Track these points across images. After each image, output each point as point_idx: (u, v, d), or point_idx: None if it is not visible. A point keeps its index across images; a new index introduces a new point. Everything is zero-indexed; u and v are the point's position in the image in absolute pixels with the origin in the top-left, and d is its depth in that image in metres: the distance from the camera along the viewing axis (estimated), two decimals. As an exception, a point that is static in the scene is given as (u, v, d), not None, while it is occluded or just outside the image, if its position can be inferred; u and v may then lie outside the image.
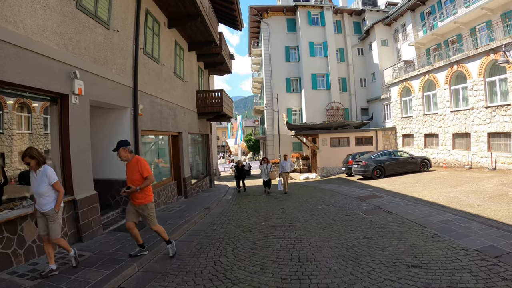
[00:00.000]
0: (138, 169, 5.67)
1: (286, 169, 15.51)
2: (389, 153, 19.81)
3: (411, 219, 7.85)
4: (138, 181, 5.65)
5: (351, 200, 11.48)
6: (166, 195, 11.85)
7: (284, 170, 15.48)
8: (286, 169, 15.50)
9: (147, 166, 5.76)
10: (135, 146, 9.40)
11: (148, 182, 5.70)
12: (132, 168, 5.74)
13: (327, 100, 33.29)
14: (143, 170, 5.66)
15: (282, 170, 15.55)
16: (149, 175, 5.70)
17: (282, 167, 15.58)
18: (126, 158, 5.82)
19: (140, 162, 5.74)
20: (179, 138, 14.04)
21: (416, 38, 27.80)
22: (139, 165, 5.68)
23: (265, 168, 16.19)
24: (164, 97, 12.07)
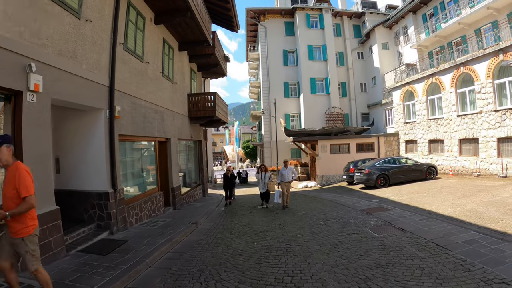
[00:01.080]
0: (15, 183, 3.78)
1: (287, 178, 12.89)
2: (393, 160, 18.69)
3: (430, 239, 6.69)
4: (12, 200, 3.79)
5: (355, 213, 10.31)
6: (151, 207, 10.66)
7: (284, 180, 12.84)
8: (286, 178, 12.88)
9: (28, 181, 3.84)
10: (110, 152, 8.25)
11: (25, 207, 3.78)
12: (9, 178, 3.85)
13: (326, 105, 32.23)
14: (21, 187, 3.76)
15: (281, 180, 12.88)
16: (29, 197, 3.79)
17: (281, 176, 12.98)
18: (7, 162, 3.90)
19: (19, 173, 3.82)
20: (167, 145, 12.89)
21: (418, 40, 26.87)
22: (16, 177, 3.79)
23: (262, 178, 13.35)
24: (149, 99, 10.94)
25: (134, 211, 9.49)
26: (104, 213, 8.10)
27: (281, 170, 13.32)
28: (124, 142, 9.61)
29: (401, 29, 29.96)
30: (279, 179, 13.07)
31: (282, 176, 12.94)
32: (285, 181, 12.86)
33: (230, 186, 15.38)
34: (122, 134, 9.03)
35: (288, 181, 12.93)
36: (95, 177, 8.18)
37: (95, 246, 7.02)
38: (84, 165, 8.28)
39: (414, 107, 23.69)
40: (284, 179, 12.87)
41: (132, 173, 10.28)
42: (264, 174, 13.41)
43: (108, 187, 8.12)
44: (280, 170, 13.36)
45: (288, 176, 12.91)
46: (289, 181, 13.02)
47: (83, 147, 8.27)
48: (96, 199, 8.13)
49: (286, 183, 12.88)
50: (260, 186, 13.50)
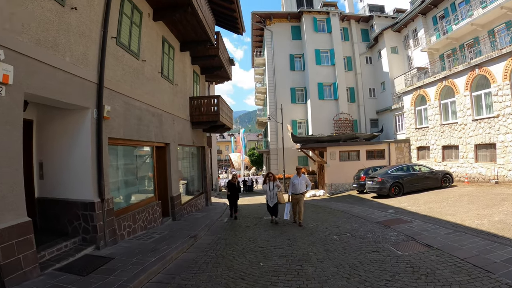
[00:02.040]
0: None
1: (299, 189, 10.61)
2: (407, 167, 17.62)
3: (464, 258, 5.69)
4: None
5: (372, 226, 9.27)
6: (146, 218, 9.71)
7: (296, 191, 10.60)
8: (299, 189, 10.60)
9: None
10: (97, 157, 7.34)
11: None
12: None
13: (334, 111, 31.23)
14: None
15: (293, 191, 10.66)
16: None
17: (293, 186, 10.71)
18: None
19: None
20: (167, 150, 11.98)
21: (428, 43, 25.95)
22: None
23: (270, 188, 11.30)
24: (146, 100, 10.05)
25: (126, 222, 8.56)
26: (90, 225, 7.18)
27: (292, 179, 10.89)
28: (115, 147, 8.71)
29: (410, 32, 29.12)
30: (290, 191, 10.80)
31: (294, 187, 10.67)
32: (297, 193, 10.63)
33: (235, 196, 13.30)
34: (113, 138, 8.13)
35: (301, 192, 10.65)
36: (80, 184, 7.28)
37: (76, 264, 6.08)
38: (68, 171, 7.39)
39: (426, 112, 22.67)
40: (296, 190, 10.64)
41: (125, 180, 9.35)
42: (273, 184, 11.36)
43: (94, 196, 7.20)
44: (292, 180, 10.92)
45: (301, 186, 10.64)
46: (302, 192, 10.73)
47: (67, 151, 7.39)
48: (81, 209, 7.21)
49: (298, 195, 10.63)
50: (268, 198, 11.38)
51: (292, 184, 10.77)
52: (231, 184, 13.56)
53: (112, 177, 8.56)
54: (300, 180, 10.71)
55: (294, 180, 10.75)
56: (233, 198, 13.23)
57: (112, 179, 8.53)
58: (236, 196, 13.33)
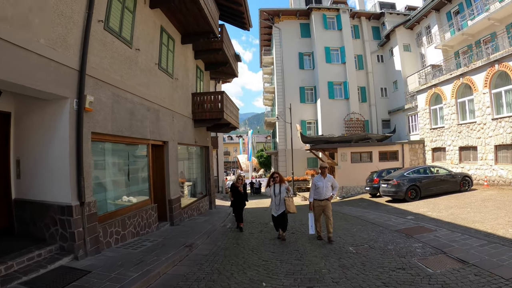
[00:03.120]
0: None
1: (325, 193, 8.26)
2: (424, 169, 16.46)
3: (509, 278, 4.62)
4: None
5: (392, 235, 8.15)
6: (139, 224, 8.74)
7: (321, 196, 8.24)
8: (324, 193, 8.24)
9: None
10: (77, 154, 6.38)
11: None
12: None
13: (345, 111, 30.11)
14: None
15: (317, 197, 8.32)
16: None
17: (316, 190, 8.33)
18: None
19: None
20: (164, 149, 11.02)
21: (443, 40, 24.75)
22: None
23: (275, 193, 8.76)
24: (140, 93, 9.10)
25: (113, 229, 7.59)
26: (67, 232, 6.23)
27: (315, 180, 8.48)
28: (102, 143, 7.77)
29: (423, 29, 27.95)
30: (312, 196, 8.44)
31: (318, 190, 8.28)
32: (322, 199, 8.23)
33: (240, 204, 10.79)
34: (98, 133, 7.17)
35: (326, 198, 8.25)
36: (57, 185, 6.34)
37: (46, 277, 5.15)
38: (45, 170, 6.47)
39: (441, 111, 21.49)
40: (320, 195, 8.25)
41: (114, 181, 8.38)
42: (279, 187, 8.75)
43: (72, 199, 6.23)
44: (314, 181, 8.51)
45: (326, 190, 8.25)
46: (328, 198, 8.30)
47: (45, 147, 6.46)
48: (58, 213, 6.27)
49: (323, 201, 8.24)
50: (273, 205, 8.86)
51: (315, 187, 8.33)
52: (234, 188, 10.93)
53: (98, 178, 7.64)
54: (325, 182, 8.26)
55: (318, 182, 8.27)
56: (237, 206, 10.69)
57: (98, 180, 7.60)
58: (241, 203, 10.81)
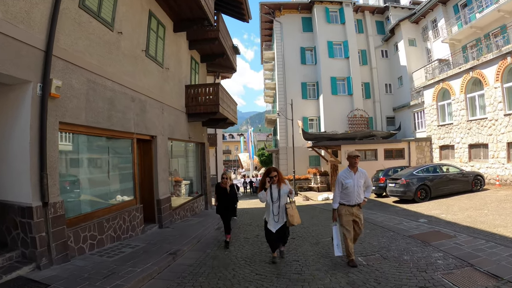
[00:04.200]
0: None
1: (357, 196, 5.73)
2: (433, 168, 15.44)
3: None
4: None
5: (405, 242, 7.14)
6: (120, 227, 7.79)
7: (352, 201, 5.71)
8: (356, 195, 5.71)
9: None
10: (39, 147, 5.45)
11: None
12: None
13: (348, 107, 29.07)
14: None
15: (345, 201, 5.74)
16: None
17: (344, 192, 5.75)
18: None
19: None
20: (152, 144, 10.07)
21: (450, 34, 23.74)
22: None
23: (273, 198, 6.19)
24: (122, 81, 8.15)
25: (88, 233, 6.64)
26: (28, 237, 5.30)
27: (341, 176, 5.82)
28: (75, 135, 6.82)
29: (429, 23, 26.96)
30: (338, 198, 5.80)
31: (347, 191, 5.68)
32: (353, 204, 5.70)
33: (226, 208, 8.01)
34: (68, 123, 6.23)
35: (358, 203, 5.73)
36: (17, 183, 5.43)
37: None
38: (5, 165, 5.55)
39: (450, 107, 20.52)
40: (351, 198, 5.67)
41: (89, 179, 7.41)
42: (278, 190, 6.17)
43: (33, 199, 5.30)
44: (340, 177, 5.82)
45: (359, 190, 5.72)
46: (360, 203, 5.78)
47: (5, 139, 5.55)
48: (18, 215, 5.36)
49: (354, 207, 5.71)
50: (270, 215, 6.18)
51: (342, 185, 5.70)
52: (219, 190, 8.12)
53: (70, 175, 6.72)
54: (357, 179, 5.66)
55: (347, 179, 5.67)
56: (223, 211, 8.02)
57: (70, 177, 6.69)
58: (229, 208, 8.01)
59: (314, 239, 8.18)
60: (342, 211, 5.74)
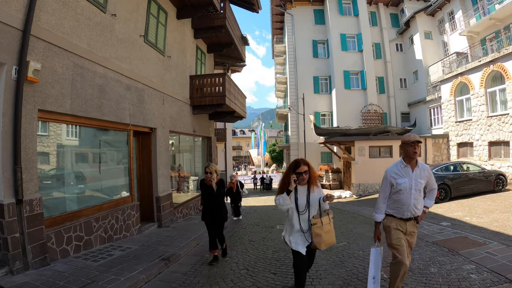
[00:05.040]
0: None
1: (415, 203, 3.79)
2: (453, 166, 14.46)
3: None
4: None
5: (429, 249, 6.29)
6: (112, 227, 7.13)
7: (406, 212, 3.80)
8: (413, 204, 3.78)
9: None
10: (13, 137, 4.80)
11: None
12: None
13: (362, 102, 28.02)
14: None
15: (397, 212, 3.85)
16: None
17: (395, 197, 3.84)
18: None
19: None
20: (152, 137, 9.40)
21: (467, 26, 22.47)
22: None
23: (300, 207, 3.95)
24: (116, 68, 7.47)
25: (73, 233, 5.98)
26: (0, 237, 4.66)
27: (390, 173, 3.88)
28: (58, 125, 6.15)
29: (446, 15, 25.66)
30: (383, 206, 3.94)
31: (400, 197, 3.80)
32: (409, 217, 3.83)
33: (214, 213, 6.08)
34: (49, 111, 5.57)
35: (415, 215, 3.85)
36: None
37: None
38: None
39: (469, 103, 19.36)
40: (405, 208, 3.79)
41: (76, 174, 6.74)
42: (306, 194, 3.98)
43: (5, 196, 4.68)
44: (389, 175, 3.88)
45: (418, 195, 3.81)
46: (418, 216, 3.88)
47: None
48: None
49: (409, 222, 3.85)
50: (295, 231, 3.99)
51: (393, 187, 3.85)
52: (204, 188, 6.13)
53: (54, 169, 6.05)
54: (415, 177, 3.80)
55: (400, 179, 3.80)
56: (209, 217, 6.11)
57: (52, 172, 6.02)
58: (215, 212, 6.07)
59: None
60: (391, 225, 3.78)
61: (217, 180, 6.08)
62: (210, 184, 6.01)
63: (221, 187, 6.11)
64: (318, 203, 3.98)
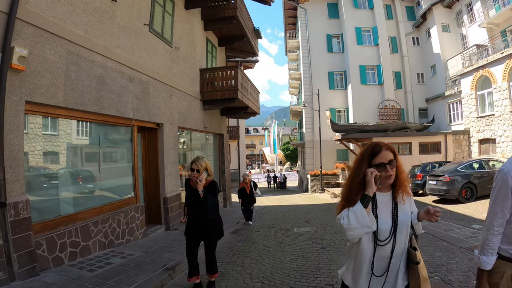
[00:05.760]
0: None
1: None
2: (479, 163, 13.58)
3: None
4: None
5: (465, 256, 5.53)
6: (113, 230, 6.54)
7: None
8: None
9: None
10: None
11: None
12: None
13: (379, 97, 27.08)
14: None
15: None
16: None
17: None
18: None
19: None
20: (158, 133, 8.79)
21: (486, 17, 21.39)
22: None
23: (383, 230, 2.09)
24: (117, 58, 6.87)
25: (67, 239, 5.39)
26: (-19, 247, 4.11)
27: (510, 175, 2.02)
28: (52, 119, 5.57)
29: (464, 6, 24.51)
30: (496, 242, 2.09)
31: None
32: None
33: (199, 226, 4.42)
34: (38, 103, 4.98)
35: None
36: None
37: None
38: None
39: (491, 97, 18.32)
40: None
41: (72, 174, 6.13)
42: (392, 207, 2.16)
43: (-18, 200, 4.10)
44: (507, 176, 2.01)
45: None
46: None
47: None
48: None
49: None
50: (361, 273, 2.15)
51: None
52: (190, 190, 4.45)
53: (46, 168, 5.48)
54: None
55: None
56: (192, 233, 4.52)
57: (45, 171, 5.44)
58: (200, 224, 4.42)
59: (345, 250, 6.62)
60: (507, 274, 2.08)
61: (207, 182, 4.35)
62: (193, 185, 4.32)
63: (211, 193, 4.27)
64: (409, 223, 2.20)
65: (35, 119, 5.19)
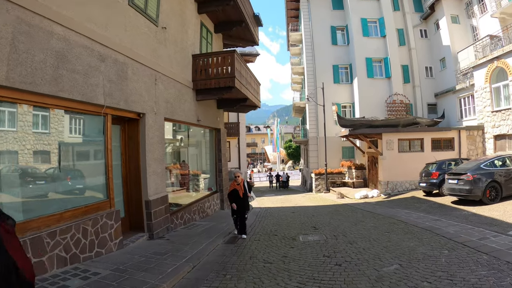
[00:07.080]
0: None
1: None
2: (502, 160, 12.28)
3: None
4: None
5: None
6: (77, 243, 5.26)
7: None
8: None
9: None
10: None
11: None
12: None
13: (387, 92, 25.80)
14: None
15: None
16: None
17: None
18: None
19: None
20: (140, 125, 7.52)
21: (499, 7, 20.20)
22: None
23: None
24: (85, 32, 5.59)
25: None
26: None
27: None
28: None
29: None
30: None
31: None
32: None
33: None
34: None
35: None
36: None
37: None
38: None
39: (506, 90, 17.04)
40: None
41: (21, 173, 4.83)
42: None
43: None
44: None
45: None
46: None
47: None
48: None
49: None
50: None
51: None
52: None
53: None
54: None
55: None
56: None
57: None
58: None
59: (371, 267, 5.23)
60: None
61: None
62: None
63: None
64: None
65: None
